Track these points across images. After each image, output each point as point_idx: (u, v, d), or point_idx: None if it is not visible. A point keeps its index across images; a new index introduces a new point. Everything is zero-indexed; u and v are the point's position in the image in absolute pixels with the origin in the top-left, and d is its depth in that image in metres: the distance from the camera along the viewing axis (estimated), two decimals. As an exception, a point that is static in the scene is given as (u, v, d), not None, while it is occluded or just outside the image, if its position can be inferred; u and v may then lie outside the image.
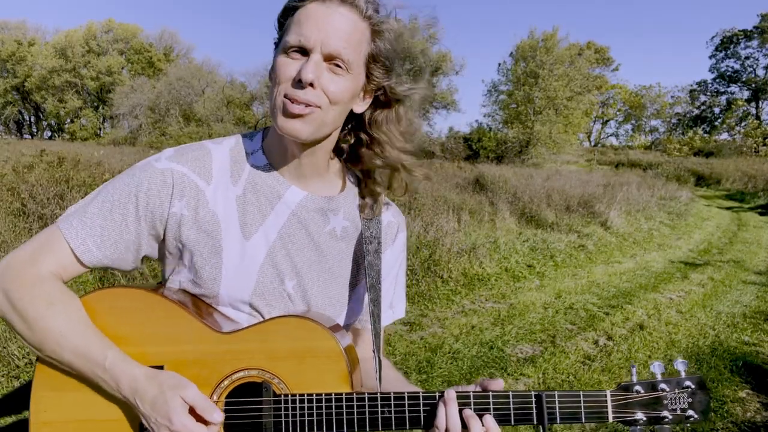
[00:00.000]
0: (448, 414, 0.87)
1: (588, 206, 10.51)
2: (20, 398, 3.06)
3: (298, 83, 0.84)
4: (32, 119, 51.60)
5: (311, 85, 0.84)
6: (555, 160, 30.49)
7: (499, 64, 33.64)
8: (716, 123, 50.28)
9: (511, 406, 0.88)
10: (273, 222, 0.95)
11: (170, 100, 30.22)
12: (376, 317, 1.00)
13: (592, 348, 4.29)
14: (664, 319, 5.02)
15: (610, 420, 0.89)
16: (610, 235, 9.23)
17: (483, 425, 0.87)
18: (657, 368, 0.92)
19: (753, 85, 48.76)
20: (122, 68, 45.33)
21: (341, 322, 1.05)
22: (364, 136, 1.01)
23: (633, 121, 56.14)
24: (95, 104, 46.26)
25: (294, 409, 0.87)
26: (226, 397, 0.89)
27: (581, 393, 0.89)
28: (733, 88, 50.62)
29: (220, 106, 30.95)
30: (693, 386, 0.91)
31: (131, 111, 31.01)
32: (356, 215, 1.03)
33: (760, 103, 49.47)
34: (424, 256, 5.97)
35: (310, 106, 0.86)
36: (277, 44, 0.91)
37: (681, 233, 10.68)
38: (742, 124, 47.92)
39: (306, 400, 0.87)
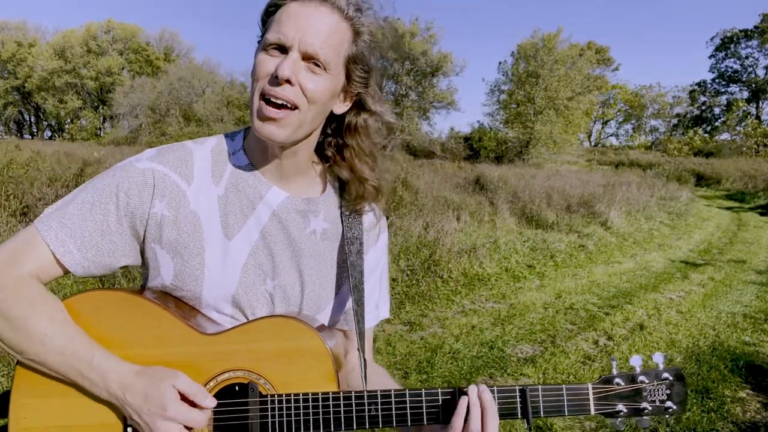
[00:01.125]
0: (472, 415, 0.86)
1: (588, 206, 10.50)
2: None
3: (275, 79, 0.84)
4: (32, 119, 51.62)
5: (288, 82, 0.84)
6: (555, 160, 30.50)
7: (500, 63, 33.68)
8: (716, 123, 50.27)
9: (496, 401, 0.89)
10: (254, 222, 0.94)
11: (170, 100, 30.25)
12: (359, 317, 0.99)
13: (592, 348, 4.29)
14: (665, 319, 5.02)
15: (592, 413, 0.90)
16: (610, 235, 9.23)
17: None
18: (636, 361, 0.94)
19: (753, 86, 48.75)
20: (122, 68, 45.33)
21: (325, 322, 1.03)
22: (340, 141, 1.01)
23: (633, 121, 56.16)
24: (95, 104, 46.27)
25: (281, 409, 0.87)
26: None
27: (564, 387, 0.90)
28: (733, 88, 50.65)
29: (220, 106, 30.97)
30: (671, 378, 0.93)
31: (131, 111, 31.03)
32: (337, 217, 1.02)
33: (760, 103, 49.47)
34: (424, 256, 5.97)
35: (286, 108, 0.85)
36: (258, 43, 0.91)
37: (681, 233, 10.68)
38: (742, 124, 47.90)
39: (293, 400, 0.87)
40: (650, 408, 0.92)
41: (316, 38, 0.84)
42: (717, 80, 51.36)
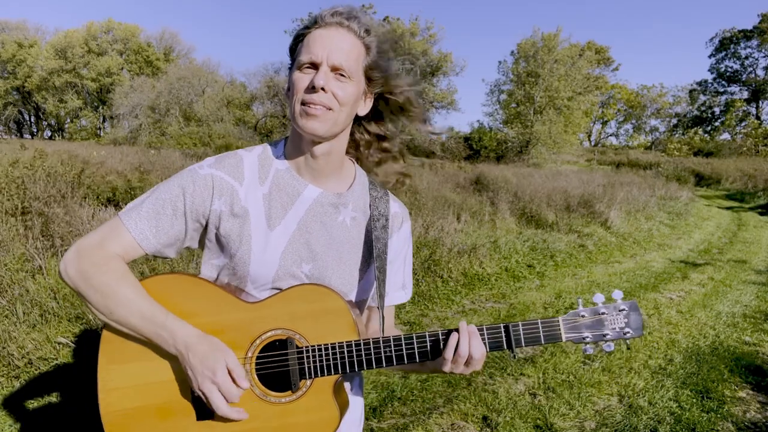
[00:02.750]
0: (461, 342, 1.06)
1: (588, 206, 10.51)
2: (21, 398, 3.06)
3: (312, 89, 1.04)
4: (32, 119, 51.61)
5: (323, 89, 1.04)
6: (555, 160, 30.48)
7: (500, 62, 33.67)
8: (716, 123, 50.25)
9: (486, 338, 1.09)
10: (293, 215, 1.14)
11: (170, 100, 30.22)
12: (381, 282, 1.17)
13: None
14: (665, 319, 5.02)
15: (564, 340, 1.11)
16: (610, 235, 9.23)
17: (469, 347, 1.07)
18: (598, 298, 1.12)
19: (753, 86, 48.73)
20: (121, 69, 45.29)
21: (353, 299, 1.22)
22: (366, 135, 1.25)
23: (633, 121, 56.14)
24: (95, 104, 46.25)
25: (314, 357, 1.08)
26: (259, 353, 1.09)
27: (539, 321, 1.10)
28: (733, 88, 50.62)
29: (220, 106, 30.94)
30: (627, 309, 1.12)
31: (131, 111, 30.99)
32: (366, 206, 1.21)
33: (760, 103, 49.46)
34: (424, 256, 5.97)
35: (323, 107, 1.05)
36: (290, 68, 1.13)
37: (681, 233, 10.68)
38: (742, 124, 47.90)
39: (323, 349, 1.08)
40: (611, 334, 1.12)
41: (340, 54, 1.06)
42: (717, 80, 51.34)
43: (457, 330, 1.08)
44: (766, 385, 3.64)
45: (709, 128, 50.23)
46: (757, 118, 47.90)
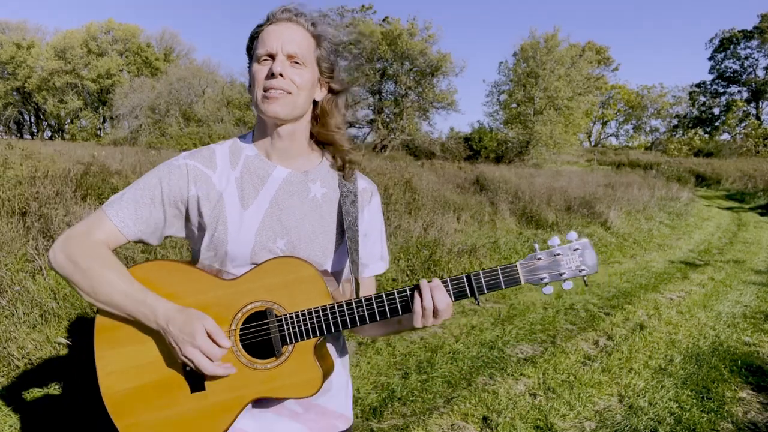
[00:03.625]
0: (424, 296, 1.13)
1: (588, 206, 10.51)
2: (21, 398, 3.07)
3: (271, 76, 1.15)
4: (32, 120, 51.62)
5: (281, 75, 1.14)
6: (555, 161, 30.48)
7: (500, 63, 33.65)
8: (716, 123, 50.22)
9: (450, 288, 1.15)
10: (264, 194, 1.22)
11: (170, 101, 30.20)
12: (353, 251, 1.24)
13: (592, 348, 4.29)
14: (665, 320, 5.02)
15: (522, 283, 1.15)
16: (610, 236, 9.23)
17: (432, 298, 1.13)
18: (554, 241, 1.17)
19: (753, 86, 48.71)
20: (121, 70, 45.27)
21: (329, 270, 1.29)
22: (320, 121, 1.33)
23: (633, 122, 56.11)
24: (95, 105, 46.24)
25: (292, 324, 1.14)
26: (242, 324, 1.15)
27: (499, 268, 1.15)
28: (733, 88, 50.58)
29: (220, 106, 30.93)
30: (580, 248, 1.16)
31: (131, 111, 30.97)
32: (333, 182, 1.29)
33: (760, 103, 49.44)
34: (424, 256, 5.97)
35: (283, 91, 1.15)
36: (249, 65, 1.24)
37: (681, 233, 10.68)
38: (742, 124, 47.88)
39: (299, 315, 1.14)
40: (567, 273, 1.16)
41: (293, 44, 1.17)
42: (716, 81, 51.32)
43: (418, 286, 1.15)
44: (766, 385, 3.64)
45: (709, 129, 50.19)
46: (757, 118, 47.88)
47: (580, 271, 1.16)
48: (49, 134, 49.84)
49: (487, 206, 9.55)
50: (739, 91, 50.33)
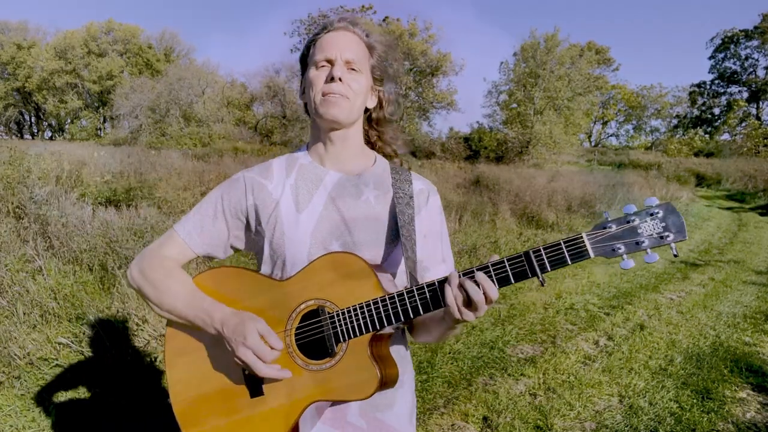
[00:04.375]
0: (453, 291, 1.06)
1: (588, 206, 10.50)
2: (21, 398, 3.06)
3: (331, 80, 1.19)
4: (33, 120, 51.62)
5: (340, 79, 1.18)
6: (555, 161, 30.44)
7: (501, 63, 33.61)
8: (716, 124, 50.18)
9: (508, 268, 1.03)
10: (318, 198, 1.26)
11: (170, 101, 30.19)
12: (408, 248, 1.21)
13: (593, 348, 4.29)
14: (665, 320, 5.01)
15: (592, 256, 0.99)
16: (610, 236, 9.21)
17: (479, 287, 1.04)
18: (629, 209, 0.99)
19: (753, 86, 48.67)
20: (121, 71, 45.25)
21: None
22: (373, 132, 1.38)
23: (633, 122, 56.08)
24: (96, 105, 46.24)
25: (344, 320, 1.12)
26: (297, 324, 1.15)
27: (562, 242, 1.00)
28: (733, 88, 50.53)
29: (221, 106, 30.95)
30: (662, 212, 0.97)
31: (131, 111, 30.96)
32: (386, 183, 1.30)
33: (761, 103, 49.40)
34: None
35: (341, 95, 1.19)
36: (303, 72, 1.29)
37: (681, 233, 10.66)
38: (743, 124, 47.85)
39: (351, 310, 1.11)
40: (648, 241, 0.98)
41: (351, 51, 1.22)
42: (717, 81, 51.28)
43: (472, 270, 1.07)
44: (766, 385, 3.64)
45: (709, 129, 50.16)
46: (758, 118, 47.82)
47: (663, 238, 0.97)
48: (50, 134, 49.84)
49: (487, 206, 9.55)
50: (739, 91, 50.32)
